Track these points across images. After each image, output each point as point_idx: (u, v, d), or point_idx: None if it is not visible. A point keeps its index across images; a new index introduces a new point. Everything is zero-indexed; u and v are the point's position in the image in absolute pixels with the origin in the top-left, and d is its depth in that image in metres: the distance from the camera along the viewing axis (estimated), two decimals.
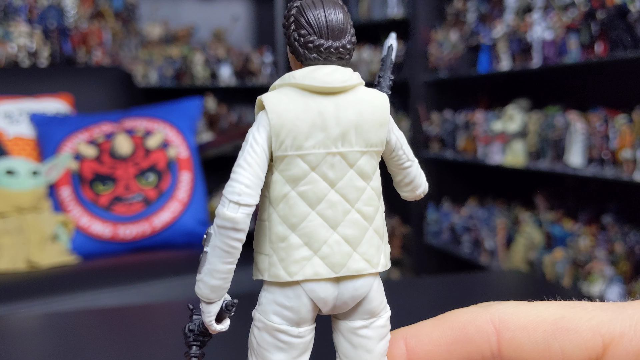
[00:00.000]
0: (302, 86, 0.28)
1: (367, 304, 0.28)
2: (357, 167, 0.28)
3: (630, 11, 1.67)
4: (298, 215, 0.27)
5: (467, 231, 2.47)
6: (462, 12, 2.49)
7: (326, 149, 0.27)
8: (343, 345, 0.29)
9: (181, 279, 1.34)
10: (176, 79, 3.00)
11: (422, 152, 2.68)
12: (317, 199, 0.27)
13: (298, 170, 0.27)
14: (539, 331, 0.24)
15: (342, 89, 0.28)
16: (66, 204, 1.58)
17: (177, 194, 1.63)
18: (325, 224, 0.27)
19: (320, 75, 0.28)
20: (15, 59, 2.45)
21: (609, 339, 0.23)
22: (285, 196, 0.27)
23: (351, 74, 0.28)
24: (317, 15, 0.29)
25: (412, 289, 0.82)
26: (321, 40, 0.28)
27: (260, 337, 0.28)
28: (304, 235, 0.27)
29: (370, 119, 0.28)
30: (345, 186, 0.28)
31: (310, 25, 0.28)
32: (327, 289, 0.28)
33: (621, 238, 1.81)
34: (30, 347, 0.68)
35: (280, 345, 0.28)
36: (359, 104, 0.28)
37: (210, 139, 2.50)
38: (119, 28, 2.72)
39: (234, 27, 3.31)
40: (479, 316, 0.25)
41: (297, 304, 0.27)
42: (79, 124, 1.69)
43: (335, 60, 0.29)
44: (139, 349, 0.63)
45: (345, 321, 0.29)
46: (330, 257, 0.27)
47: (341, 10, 0.29)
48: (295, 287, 0.27)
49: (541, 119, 2.08)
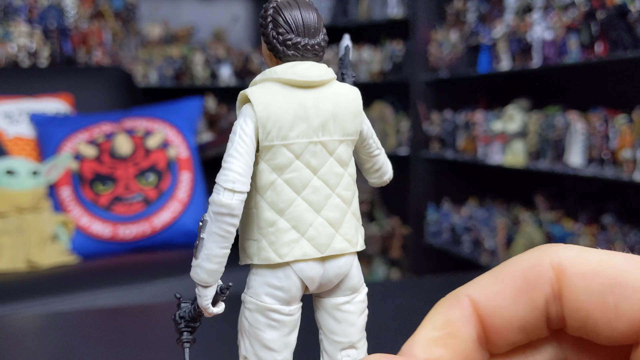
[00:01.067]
0: (284, 80, 0.29)
1: (348, 281, 0.31)
2: (336, 154, 0.30)
3: (630, 11, 1.67)
4: (285, 200, 0.29)
5: (467, 231, 2.47)
6: (462, 12, 2.49)
7: (309, 139, 0.29)
8: (327, 322, 0.31)
9: (181, 279, 1.34)
10: (176, 79, 3.00)
11: (422, 152, 2.68)
12: (302, 185, 0.29)
13: (284, 159, 0.29)
14: (597, 281, 0.23)
15: (320, 82, 0.30)
16: (66, 204, 1.58)
17: (177, 194, 1.63)
18: (310, 208, 0.29)
19: (299, 70, 0.30)
20: (15, 59, 2.45)
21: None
22: (272, 184, 0.29)
23: (326, 69, 0.30)
24: (295, 15, 0.30)
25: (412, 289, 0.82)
26: (298, 38, 0.30)
27: (252, 318, 0.30)
28: (291, 219, 0.29)
29: (346, 110, 0.30)
30: (326, 172, 0.30)
31: (288, 24, 0.30)
32: (314, 268, 0.30)
33: (621, 238, 1.81)
34: (30, 347, 0.68)
35: (272, 324, 0.29)
36: (335, 96, 0.30)
37: (210, 139, 2.50)
38: (119, 28, 2.71)
39: (234, 27, 3.31)
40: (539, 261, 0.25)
41: (287, 284, 0.29)
42: (79, 124, 1.69)
43: (311, 57, 0.30)
44: (139, 349, 0.64)
45: (329, 298, 0.31)
46: (317, 239, 0.30)
47: (314, 11, 0.31)
48: (285, 268, 0.29)
49: (541, 119, 2.08)
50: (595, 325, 0.23)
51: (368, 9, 2.95)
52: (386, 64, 2.88)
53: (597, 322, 0.23)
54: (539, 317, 0.25)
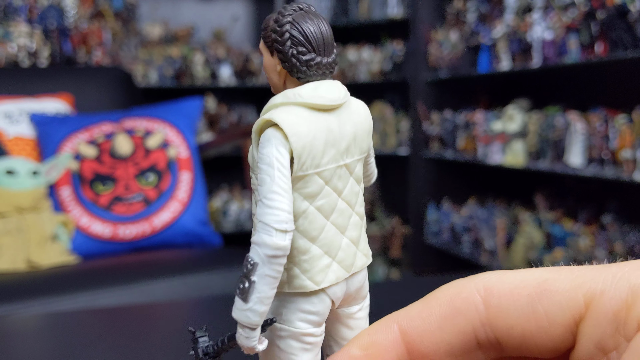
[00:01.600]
0: (310, 105, 0.28)
1: (362, 291, 0.31)
2: (355, 174, 0.30)
3: (630, 11, 1.67)
4: (317, 228, 0.29)
5: (467, 231, 2.47)
6: (462, 12, 2.49)
7: (337, 163, 0.29)
8: (341, 330, 0.31)
9: (181, 279, 1.34)
10: (176, 79, 3.00)
11: (422, 151, 2.68)
12: (331, 210, 0.29)
13: (316, 186, 0.29)
14: (523, 295, 0.24)
15: (342, 104, 0.29)
16: (66, 204, 1.58)
17: (177, 194, 1.63)
18: (337, 231, 0.30)
19: (324, 93, 0.29)
20: (15, 59, 2.45)
21: (590, 297, 0.23)
22: (304, 212, 0.29)
23: (345, 89, 0.30)
24: (314, 32, 0.29)
25: (412, 289, 0.82)
26: (319, 58, 0.29)
27: (285, 344, 0.29)
28: (323, 246, 0.29)
29: (362, 129, 0.30)
30: (348, 193, 0.30)
31: (309, 43, 0.29)
32: (343, 288, 0.30)
33: (621, 238, 1.81)
34: (30, 347, 0.68)
35: (307, 347, 0.29)
36: (352, 117, 0.30)
37: (210, 139, 2.50)
38: (119, 28, 2.72)
39: (234, 27, 3.31)
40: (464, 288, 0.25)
41: (322, 308, 0.29)
42: (79, 124, 1.69)
43: (327, 74, 0.30)
44: (139, 349, 0.63)
45: (344, 309, 0.31)
46: (345, 260, 0.30)
47: (327, 23, 0.30)
48: (319, 293, 0.29)
49: (541, 119, 2.08)
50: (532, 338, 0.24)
51: (368, 9, 2.95)
52: (386, 64, 2.88)
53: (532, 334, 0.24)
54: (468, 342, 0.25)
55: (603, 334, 0.23)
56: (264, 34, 0.29)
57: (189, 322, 0.76)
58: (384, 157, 2.78)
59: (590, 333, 0.23)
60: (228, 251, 1.64)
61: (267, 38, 0.29)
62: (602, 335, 0.23)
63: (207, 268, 1.39)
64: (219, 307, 0.79)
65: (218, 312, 0.77)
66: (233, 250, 1.67)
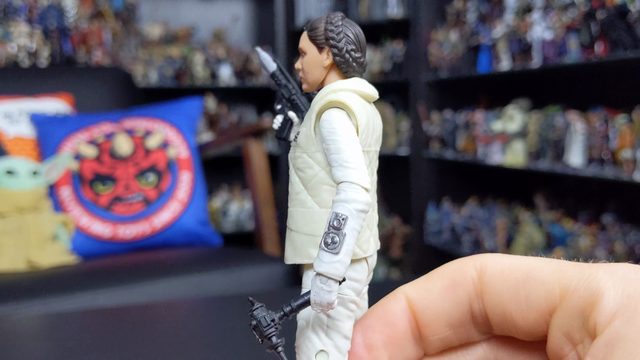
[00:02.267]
0: (362, 93, 0.32)
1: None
2: (375, 160, 0.33)
3: (630, 11, 1.67)
4: None
5: (467, 231, 2.47)
6: (462, 12, 2.49)
7: (375, 148, 0.33)
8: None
9: (181, 279, 1.34)
10: (176, 79, 3.00)
11: (423, 152, 2.68)
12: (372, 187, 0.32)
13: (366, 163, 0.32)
14: (512, 277, 0.27)
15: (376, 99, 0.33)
16: (66, 204, 1.58)
17: (177, 194, 1.63)
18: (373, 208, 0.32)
19: (367, 86, 0.32)
20: (15, 59, 2.45)
21: (564, 291, 0.25)
22: None
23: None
24: (359, 33, 0.32)
25: None
26: (363, 58, 0.33)
27: (334, 311, 0.31)
28: (367, 218, 0.31)
29: (380, 124, 0.34)
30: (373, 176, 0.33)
31: (358, 42, 0.32)
32: (375, 260, 0.33)
33: (621, 238, 1.81)
34: (30, 347, 0.68)
35: (350, 314, 0.31)
36: (377, 112, 0.34)
37: (210, 139, 2.50)
38: (119, 28, 2.72)
39: (234, 27, 3.31)
40: (464, 265, 0.29)
41: (363, 276, 0.32)
42: (79, 124, 1.69)
43: (362, 73, 0.33)
44: (139, 349, 0.63)
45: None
46: (376, 235, 0.33)
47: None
48: (362, 261, 0.31)
49: (541, 119, 2.08)
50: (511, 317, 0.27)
51: (368, 9, 2.95)
52: (386, 64, 2.88)
53: (512, 314, 0.27)
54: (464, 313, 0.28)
55: (571, 326, 0.25)
56: (314, 33, 0.32)
57: (189, 322, 0.76)
58: (384, 157, 2.76)
59: (560, 324, 0.25)
60: (228, 251, 1.64)
61: (318, 36, 0.32)
62: (570, 328, 0.25)
63: (207, 268, 1.39)
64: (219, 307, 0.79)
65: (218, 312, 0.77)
66: (233, 250, 1.67)
